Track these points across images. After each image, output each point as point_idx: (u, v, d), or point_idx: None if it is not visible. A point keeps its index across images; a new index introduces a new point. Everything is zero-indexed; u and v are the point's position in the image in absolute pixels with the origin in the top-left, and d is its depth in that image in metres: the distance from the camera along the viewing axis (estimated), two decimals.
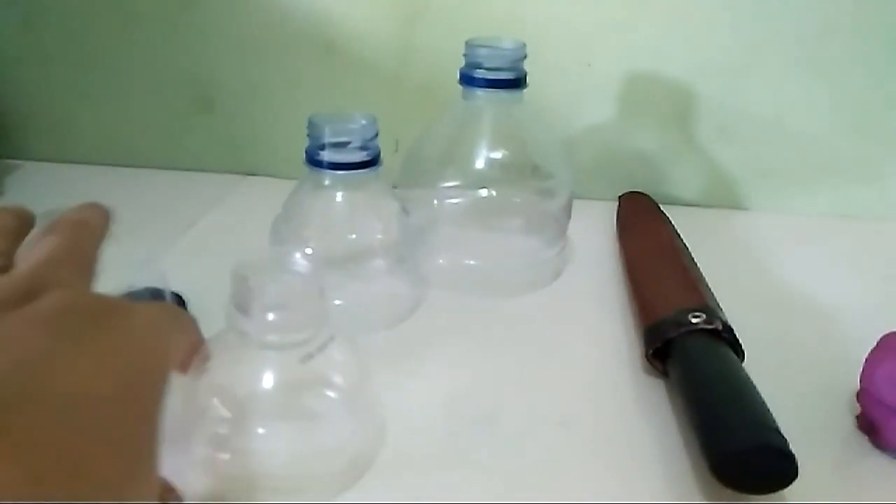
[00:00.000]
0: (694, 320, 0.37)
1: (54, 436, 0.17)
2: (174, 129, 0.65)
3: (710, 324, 0.37)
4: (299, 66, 0.61)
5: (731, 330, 0.37)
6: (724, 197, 0.62)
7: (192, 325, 0.28)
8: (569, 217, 0.49)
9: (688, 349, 0.37)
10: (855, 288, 0.49)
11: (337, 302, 0.43)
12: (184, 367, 0.27)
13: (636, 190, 0.60)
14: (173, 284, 0.46)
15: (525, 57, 0.44)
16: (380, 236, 0.43)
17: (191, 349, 0.28)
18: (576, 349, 0.42)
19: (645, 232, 0.52)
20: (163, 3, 0.60)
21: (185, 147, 0.66)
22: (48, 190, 0.62)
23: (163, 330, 0.24)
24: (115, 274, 0.38)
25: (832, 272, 0.50)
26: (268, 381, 0.30)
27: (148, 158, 0.66)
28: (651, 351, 0.38)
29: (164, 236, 0.53)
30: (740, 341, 0.37)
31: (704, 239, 0.51)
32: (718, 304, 0.41)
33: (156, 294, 0.38)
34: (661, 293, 0.42)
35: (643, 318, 0.41)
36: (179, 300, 0.41)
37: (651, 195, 0.59)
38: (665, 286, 0.43)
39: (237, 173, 0.65)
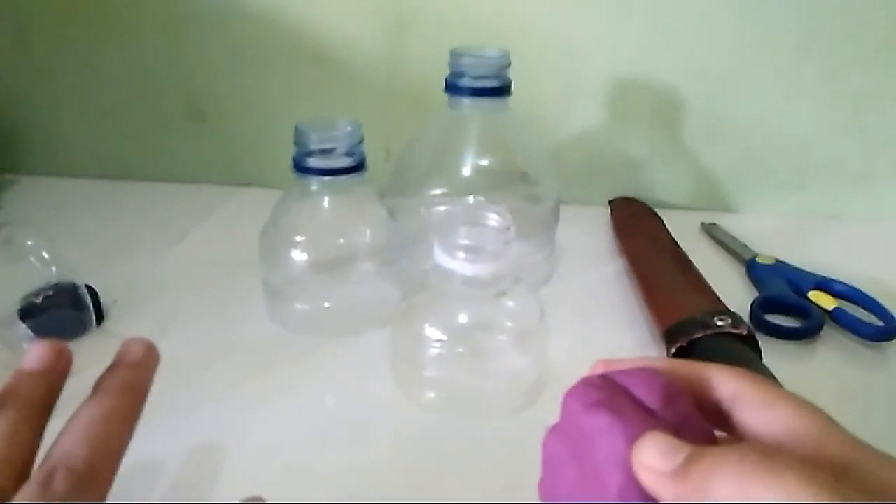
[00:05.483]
0: (719, 323, 0.37)
1: None
2: (168, 140, 0.66)
3: (737, 328, 0.37)
4: (290, 77, 0.62)
5: (754, 335, 0.38)
6: (712, 199, 0.62)
7: None
8: (556, 221, 0.50)
9: (714, 350, 0.37)
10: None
11: (326, 304, 0.44)
12: None
13: (624, 194, 0.61)
14: (164, 293, 0.47)
15: (509, 65, 0.45)
16: (367, 240, 0.43)
17: None
18: (570, 350, 0.42)
19: (647, 234, 0.53)
20: (155, 16, 0.61)
21: (179, 159, 0.67)
22: (44, 204, 0.62)
23: None
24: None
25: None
26: (462, 313, 0.36)
27: (141, 171, 0.67)
28: (674, 350, 0.38)
29: (157, 247, 0.54)
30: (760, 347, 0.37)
31: (693, 242, 0.52)
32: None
33: (71, 289, 0.41)
34: (677, 294, 0.43)
35: (660, 317, 0.41)
36: (92, 292, 0.42)
37: (640, 199, 0.60)
38: (680, 288, 0.43)
39: (230, 184, 0.66)
